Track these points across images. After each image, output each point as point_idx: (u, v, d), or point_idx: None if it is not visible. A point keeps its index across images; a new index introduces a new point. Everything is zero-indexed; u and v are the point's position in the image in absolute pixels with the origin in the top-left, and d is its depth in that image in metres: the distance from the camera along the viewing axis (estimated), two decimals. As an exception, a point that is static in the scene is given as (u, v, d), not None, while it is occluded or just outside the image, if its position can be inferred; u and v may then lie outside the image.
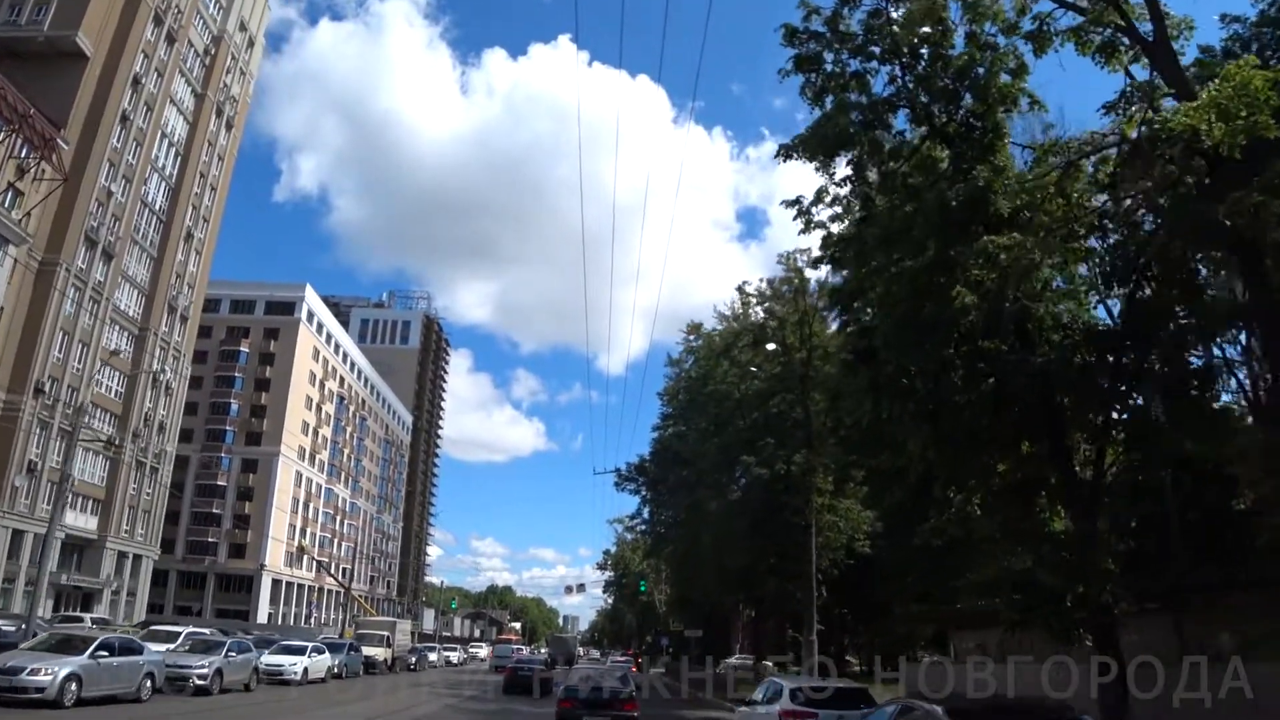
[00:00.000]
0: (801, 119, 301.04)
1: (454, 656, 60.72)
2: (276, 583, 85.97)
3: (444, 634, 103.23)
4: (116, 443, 56.97)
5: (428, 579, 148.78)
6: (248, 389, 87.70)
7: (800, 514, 27.52)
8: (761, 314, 30.85)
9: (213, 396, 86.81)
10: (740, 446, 28.70)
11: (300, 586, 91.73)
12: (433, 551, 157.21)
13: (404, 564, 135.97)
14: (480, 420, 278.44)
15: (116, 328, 57.70)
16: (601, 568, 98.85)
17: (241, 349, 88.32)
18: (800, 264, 30.91)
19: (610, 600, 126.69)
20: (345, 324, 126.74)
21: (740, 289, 31.22)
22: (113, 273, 56.27)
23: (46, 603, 50.55)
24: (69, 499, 53.26)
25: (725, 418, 31.73)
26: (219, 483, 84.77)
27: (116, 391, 58.18)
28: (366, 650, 38.72)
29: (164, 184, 62.91)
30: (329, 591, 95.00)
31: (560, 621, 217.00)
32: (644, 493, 40.90)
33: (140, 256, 60.30)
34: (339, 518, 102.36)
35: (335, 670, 32.77)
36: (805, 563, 28.48)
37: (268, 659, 28.51)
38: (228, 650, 22.95)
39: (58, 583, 51.42)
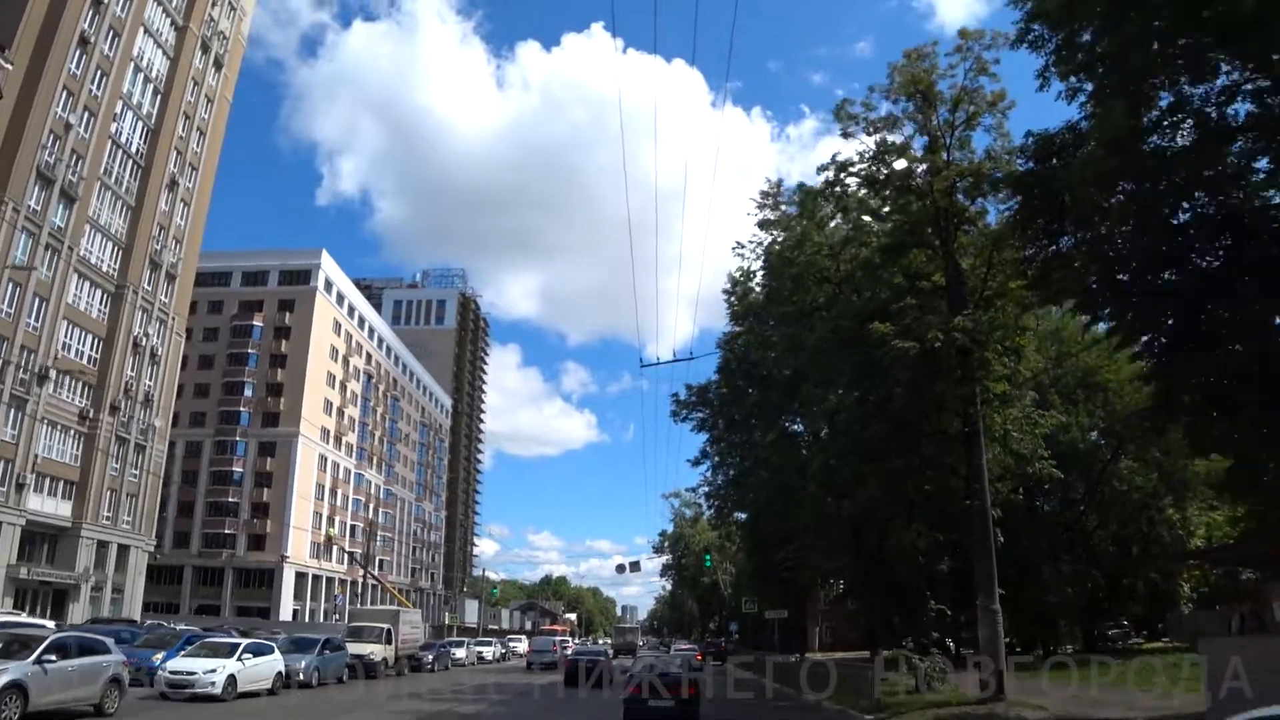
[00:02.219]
0: (843, 92, 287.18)
1: (488, 652, 51.61)
2: (301, 576, 78.13)
3: (490, 627, 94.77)
4: (90, 415, 49.18)
5: (481, 572, 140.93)
6: (262, 366, 79.88)
7: (966, 416, 17.59)
8: (872, 143, 20.86)
9: (225, 376, 79.54)
10: (864, 318, 18.69)
11: (330, 580, 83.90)
12: (489, 546, 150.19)
13: (449, 554, 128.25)
14: (532, 414, 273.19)
15: (86, 283, 49.85)
16: (658, 550, 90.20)
17: (255, 323, 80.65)
18: (920, 70, 20.96)
19: (668, 586, 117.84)
20: (378, 306, 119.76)
21: (839, 111, 21.20)
22: (76, 218, 48.30)
23: (5, 600, 43.23)
24: (32, 481, 46.05)
25: (825, 302, 21.92)
26: (235, 469, 77.36)
27: (90, 357, 50.34)
28: (357, 648, 29.91)
29: (140, 124, 54.99)
30: (365, 585, 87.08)
31: (619, 611, 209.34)
32: (709, 428, 31.03)
33: (114, 203, 52.40)
34: (372, 505, 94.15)
35: (301, 677, 23.96)
36: (964, 495, 18.62)
37: (175, 664, 19.67)
38: (45, 651, 13.82)
39: (17, 576, 43.66)
